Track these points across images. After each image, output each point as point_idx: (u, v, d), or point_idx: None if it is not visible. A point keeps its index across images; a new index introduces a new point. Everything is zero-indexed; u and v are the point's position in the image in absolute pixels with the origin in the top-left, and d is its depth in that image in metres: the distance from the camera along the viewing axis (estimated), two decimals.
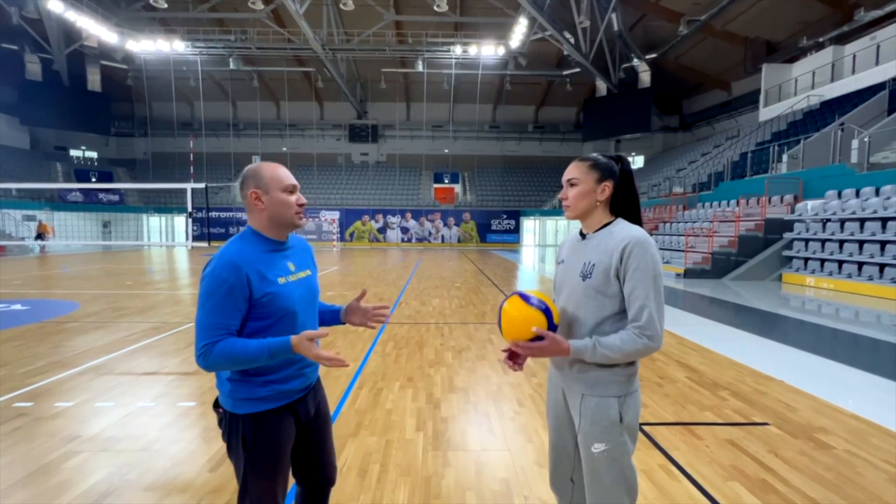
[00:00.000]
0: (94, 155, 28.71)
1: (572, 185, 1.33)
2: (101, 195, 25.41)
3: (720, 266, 10.73)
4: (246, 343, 1.18)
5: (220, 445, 2.51)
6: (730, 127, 23.88)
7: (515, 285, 10.80)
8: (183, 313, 6.13)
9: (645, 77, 25.35)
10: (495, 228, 27.72)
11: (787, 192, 11.66)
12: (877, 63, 14.64)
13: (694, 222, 13.43)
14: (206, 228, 18.16)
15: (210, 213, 26.23)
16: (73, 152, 27.93)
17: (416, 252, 21.89)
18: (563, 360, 1.35)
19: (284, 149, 30.48)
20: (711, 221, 12.32)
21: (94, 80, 25.85)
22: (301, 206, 1.32)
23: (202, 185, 7.03)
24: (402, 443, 2.56)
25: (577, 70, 25.11)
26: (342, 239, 26.01)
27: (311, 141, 30.46)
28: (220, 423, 1.29)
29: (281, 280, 1.26)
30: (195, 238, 24.43)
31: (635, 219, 1.32)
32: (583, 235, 1.38)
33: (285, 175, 1.30)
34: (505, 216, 27.76)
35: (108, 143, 29.72)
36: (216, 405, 1.30)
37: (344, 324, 1.48)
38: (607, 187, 1.31)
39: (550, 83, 28.46)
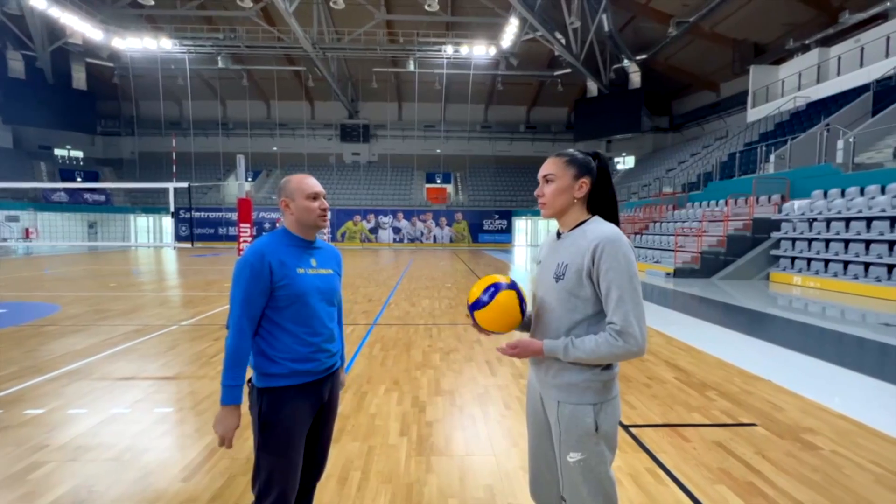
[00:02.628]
0: (79, 154, 28.20)
1: (548, 181, 1.28)
2: (86, 195, 24.98)
3: (709, 265, 10.80)
4: (238, 352, 1.36)
5: (195, 453, 2.43)
6: (718, 128, 24.13)
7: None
8: (167, 315, 6.00)
9: (635, 78, 25.51)
10: (487, 228, 27.73)
11: (774, 191, 11.78)
12: (861, 65, 14.87)
13: (683, 222, 13.52)
14: (191, 229, 17.96)
15: (197, 214, 25.90)
16: (58, 151, 27.41)
17: (408, 252, 21.84)
18: (540, 363, 1.30)
19: (275, 148, 30.24)
20: (700, 221, 12.40)
21: (79, 78, 25.39)
22: (323, 210, 1.50)
23: (185, 185, 6.91)
24: (384, 448, 2.49)
25: (569, 71, 25.21)
26: (333, 239, 25.86)
27: (301, 141, 30.24)
28: (248, 396, 1.44)
29: (300, 270, 1.44)
30: (183, 239, 24.11)
31: (612, 217, 1.28)
32: (559, 235, 1.33)
33: (308, 185, 1.49)
34: (497, 216, 27.79)
35: (93, 143, 29.23)
36: (248, 380, 1.45)
37: None
38: (584, 184, 1.26)
39: (542, 84, 28.55)
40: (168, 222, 27.36)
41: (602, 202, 1.28)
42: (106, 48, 23.30)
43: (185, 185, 7.01)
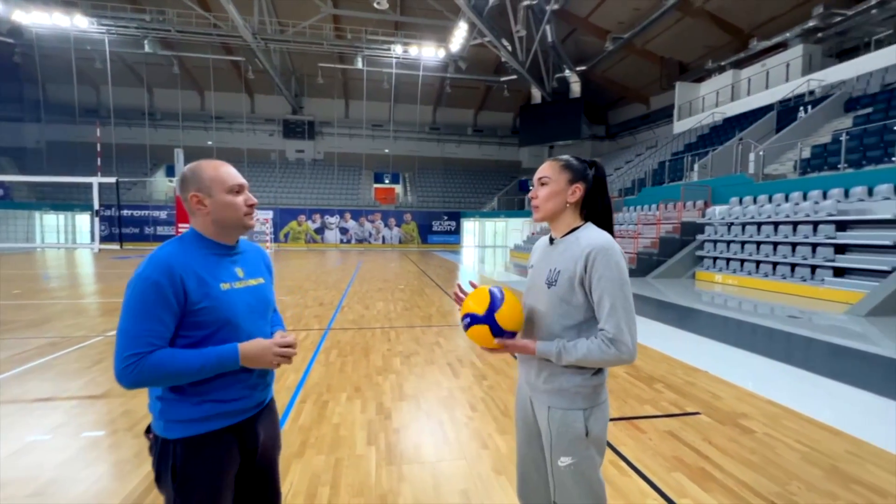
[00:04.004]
0: None
1: (543, 183, 1.29)
2: None
3: (644, 265, 11.62)
4: (184, 354, 1.07)
5: (136, 481, 2.18)
6: (649, 137, 26.09)
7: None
8: (88, 325, 5.36)
9: (576, 87, 26.88)
10: (436, 229, 27.86)
11: (698, 197, 12.92)
12: (766, 87, 16.79)
13: (620, 225, 14.43)
14: (118, 228, 16.20)
15: (122, 212, 23.53)
16: None
17: (357, 253, 21.40)
18: (531, 367, 1.31)
19: (210, 142, 28.26)
20: (636, 224, 13.31)
21: None
22: (251, 206, 1.21)
23: (113, 180, 6.21)
24: (352, 460, 2.39)
25: (514, 77, 26.01)
26: (276, 240, 24.64)
27: (240, 135, 28.52)
28: (150, 450, 1.16)
29: (224, 286, 1.16)
30: (104, 239, 21.74)
31: (606, 225, 1.30)
32: (552, 240, 1.34)
33: (229, 174, 1.19)
34: (446, 217, 28.00)
35: None
36: (148, 430, 1.17)
37: None
38: (578, 189, 1.28)
39: (489, 88, 29.20)
40: (83, 220, 24.54)
41: (597, 211, 1.31)
42: (5, 22, 20.44)
43: (112, 179, 6.30)
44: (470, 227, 29.88)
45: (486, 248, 29.19)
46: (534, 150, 32.47)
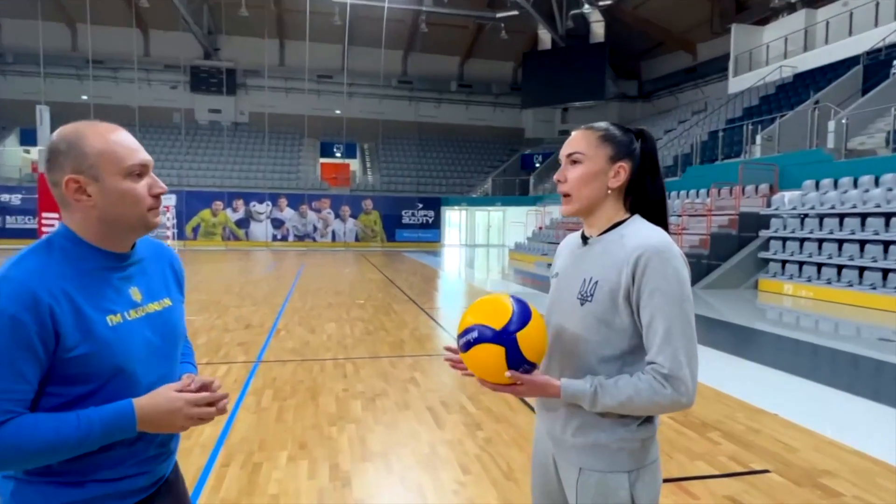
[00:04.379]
0: None
1: (574, 161, 1.29)
2: None
3: (691, 271, 11.84)
4: (54, 422, 0.99)
5: None
6: (695, 99, 26.70)
7: (439, 300, 10.89)
8: None
9: (598, 29, 27.30)
10: (407, 222, 27.91)
11: (762, 180, 13.30)
12: (850, 33, 17.41)
13: None
14: None
15: None
16: None
17: (296, 255, 21.22)
18: (555, 414, 1.31)
19: (84, 97, 27.49)
20: (680, 216, 13.60)
21: None
22: (157, 196, 1.13)
23: None
24: None
25: (515, 13, 26.23)
26: (181, 236, 24.15)
27: (128, 88, 27.88)
28: None
29: (112, 319, 1.07)
30: None
31: (659, 219, 1.31)
32: (585, 239, 1.35)
33: (127, 148, 1.09)
34: (420, 205, 28.08)
35: None
36: None
37: None
38: (623, 169, 1.28)
39: (480, 28, 29.38)
40: None
41: (645, 198, 1.32)
42: None
43: None
44: (454, 218, 29.99)
45: (476, 247, 29.34)
46: (541, 113, 32.87)
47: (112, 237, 1.11)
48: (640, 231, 1.24)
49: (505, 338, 1.18)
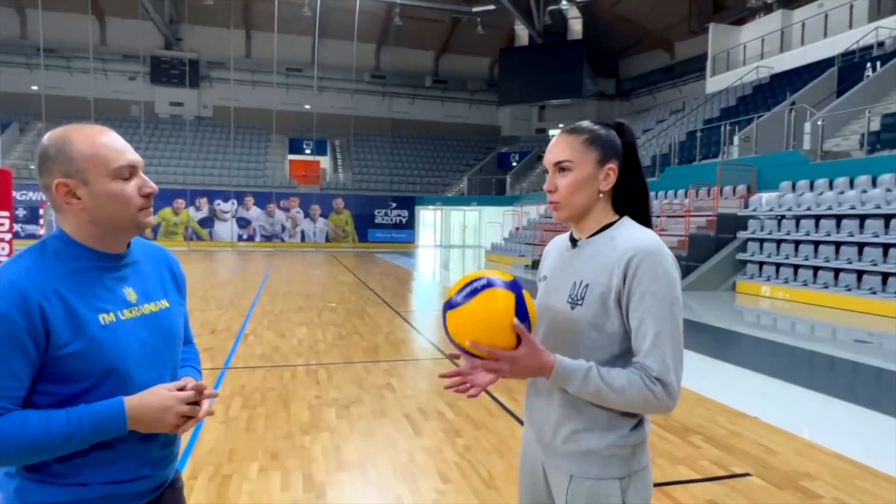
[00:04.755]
0: None
1: (563, 169, 1.31)
2: None
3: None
4: (44, 418, 1.04)
5: None
6: (673, 98, 27.26)
7: (414, 303, 10.89)
8: None
9: (576, 26, 27.67)
10: (380, 222, 27.83)
11: (740, 181, 13.65)
12: (825, 35, 18.01)
13: None
14: None
15: None
16: None
17: (264, 256, 21.01)
18: (546, 423, 1.32)
19: (35, 87, 26.71)
20: (658, 216, 13.86)
21: None
22: (147, 196, 1.18)
23: None
24: None
25: (492, 8, 26.42)
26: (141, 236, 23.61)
27: (83, 78, 27.14)
28: None
29: (105, 318, 1.12)
30: None
31: (642, 217, 1.34)
32: (574, 242, 1.37)
33: (114, 150, 1.14)
34: (394, 204, 28.03)
35: None
36: None
37: None
38: (612, 171, 1.29)
39: (456, 22, 29.50)
40: None
41: (629, 195, 1.33)
42: None
43: None
44: (429, 218, 30.00)
45: (451, 248, 29.40)
46: (518, 111, 33.13)
47: (105, 238, 1.16)
48: (631, 233, 1.27)
49: (516, 290, 1.20)
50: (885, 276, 9.18)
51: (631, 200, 1.33)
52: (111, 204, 1.12)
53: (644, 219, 1.33)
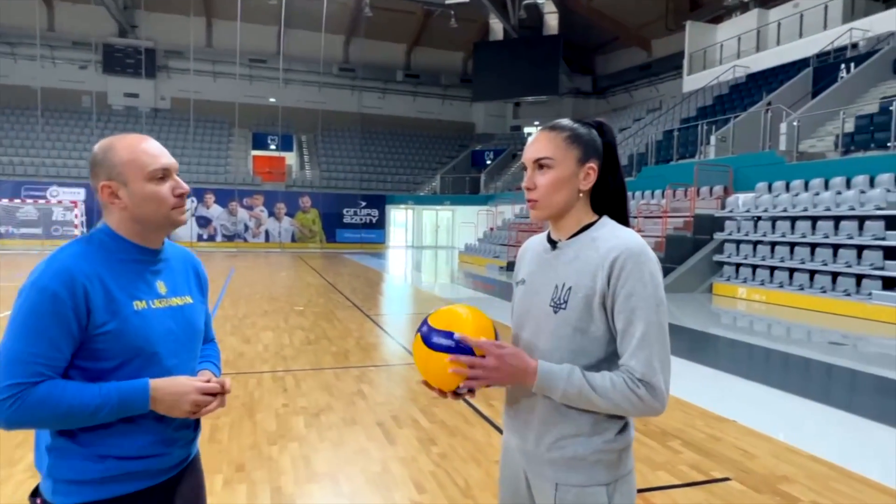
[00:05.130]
0: None
1: (543, 166, 1.32)
2: None
3: None
4: (78, 388, 1.21)
5: None
6: (650, 96, 27.79)
7: (386, 305, 10.85)
8: None
9: (552, 21, 27.98)
10: (350, 221, 27.70)
11: (716, 182, 13.98)
12: (801, 35, 18.59)
13: None
14: None
15: None
16: None
17: (225, 257, 20.71)
18: (528, 430, 1.34)
19: None
20: (636, 217, 14.10)
21: None
22: (180, 196, 1.36)
23: None
24: None
25: (465, 0, 26.47)
26: None
27: (29, 66, 26.36)
28: None
29: (138, 305, 1.31)
30: None
31: (621, 216, 1.36)
32: (553, 243, 1.38)
33: (150, 155, 1.33)
34: (363, 203, 27.92)
35: None
36: (34, 493, 1.33)
37: None
38: (592, 170, 1.32)
39: (429, 14, 29.52)
40: None
41: (606, 195, 1.36)
42: None
43: None
44: (400, 217, 29.95)
45: (423, 248, 29.39)
46: (492, 107, 33.33)
47: (143, 234, 1.36)
48: (614, 233, 1.29)
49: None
50: (859, 278, 9.52)
51: (609, 200, 1.36)
52: (147, 203, 1.31)
53: (623, 219, 1.36)
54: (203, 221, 25.53)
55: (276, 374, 5.38)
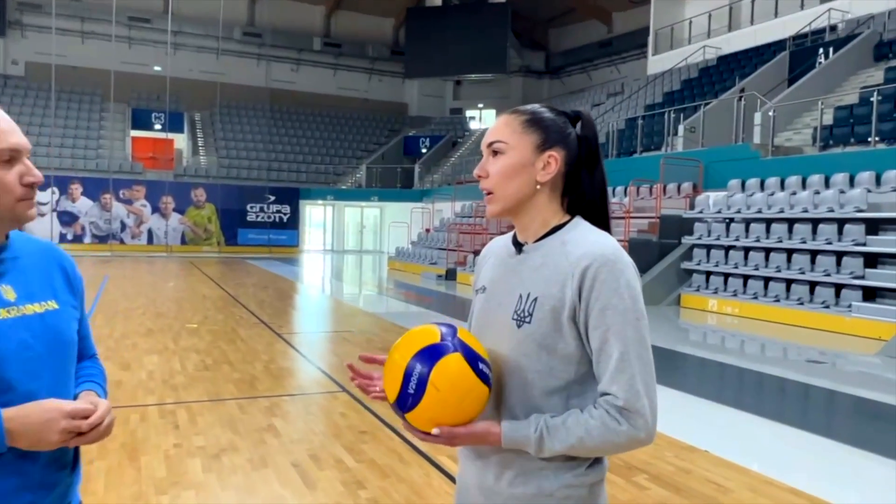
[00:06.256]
0: None
1: (496, 152, 1.36)
2: None
3: None
4: None
5: None
6: (611, 78, 28.78)
7: (301, 322, 10.71)
8: None
9: None
10: (254, 219, 27.37)
11: (685, 178, 14.61)
12: (776, 14, 19.77)
13: None
14: None
15: None
16: None
17: (96, 263, 19.95)
18: (487, 465, 1.36)
19: None
20: None
21: None
22: (30, 185, 1.27)
23: None
24: None
25: None
26: None
27: None
28: None
29: None
30: None
31: (599, 219, 1.40)
32: (518, 247, 1.42)
33: None
34: (272, 198, 27.60)
35: None
36: None
37: None
38: (553, 159, 1.34)
39: None
40: None
41: (582, 197, 1.39)
42: None
43: None
44: (317, 215, 29.67)
45: (346, 253, 29.20)
46: (429, 85, 33.55)
47: None
48: (586, 237, 1.32)
49: (398, 412, 1.29)
50: (838, 288, 10.16)
51: (584, 200, 1.39)
52: None
53: (602, 223, 1.39)
54: (67, 218, 24.55)
55: (164, 406, 5.26)
